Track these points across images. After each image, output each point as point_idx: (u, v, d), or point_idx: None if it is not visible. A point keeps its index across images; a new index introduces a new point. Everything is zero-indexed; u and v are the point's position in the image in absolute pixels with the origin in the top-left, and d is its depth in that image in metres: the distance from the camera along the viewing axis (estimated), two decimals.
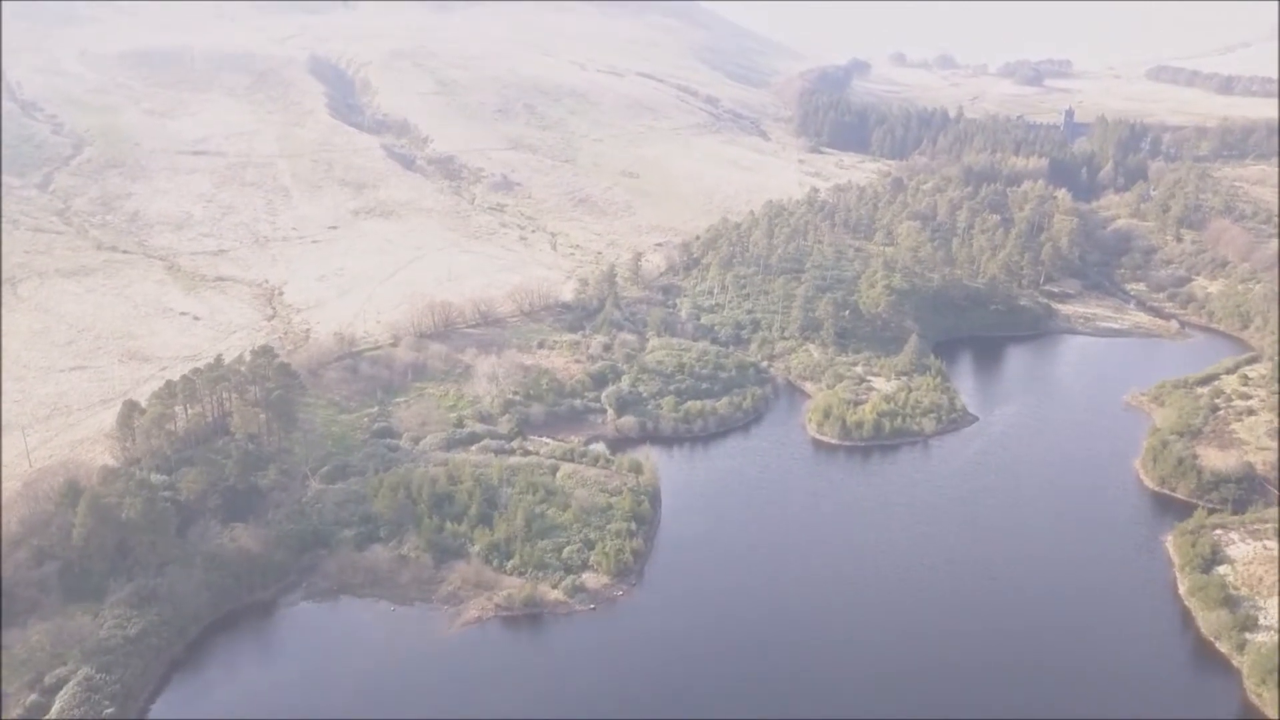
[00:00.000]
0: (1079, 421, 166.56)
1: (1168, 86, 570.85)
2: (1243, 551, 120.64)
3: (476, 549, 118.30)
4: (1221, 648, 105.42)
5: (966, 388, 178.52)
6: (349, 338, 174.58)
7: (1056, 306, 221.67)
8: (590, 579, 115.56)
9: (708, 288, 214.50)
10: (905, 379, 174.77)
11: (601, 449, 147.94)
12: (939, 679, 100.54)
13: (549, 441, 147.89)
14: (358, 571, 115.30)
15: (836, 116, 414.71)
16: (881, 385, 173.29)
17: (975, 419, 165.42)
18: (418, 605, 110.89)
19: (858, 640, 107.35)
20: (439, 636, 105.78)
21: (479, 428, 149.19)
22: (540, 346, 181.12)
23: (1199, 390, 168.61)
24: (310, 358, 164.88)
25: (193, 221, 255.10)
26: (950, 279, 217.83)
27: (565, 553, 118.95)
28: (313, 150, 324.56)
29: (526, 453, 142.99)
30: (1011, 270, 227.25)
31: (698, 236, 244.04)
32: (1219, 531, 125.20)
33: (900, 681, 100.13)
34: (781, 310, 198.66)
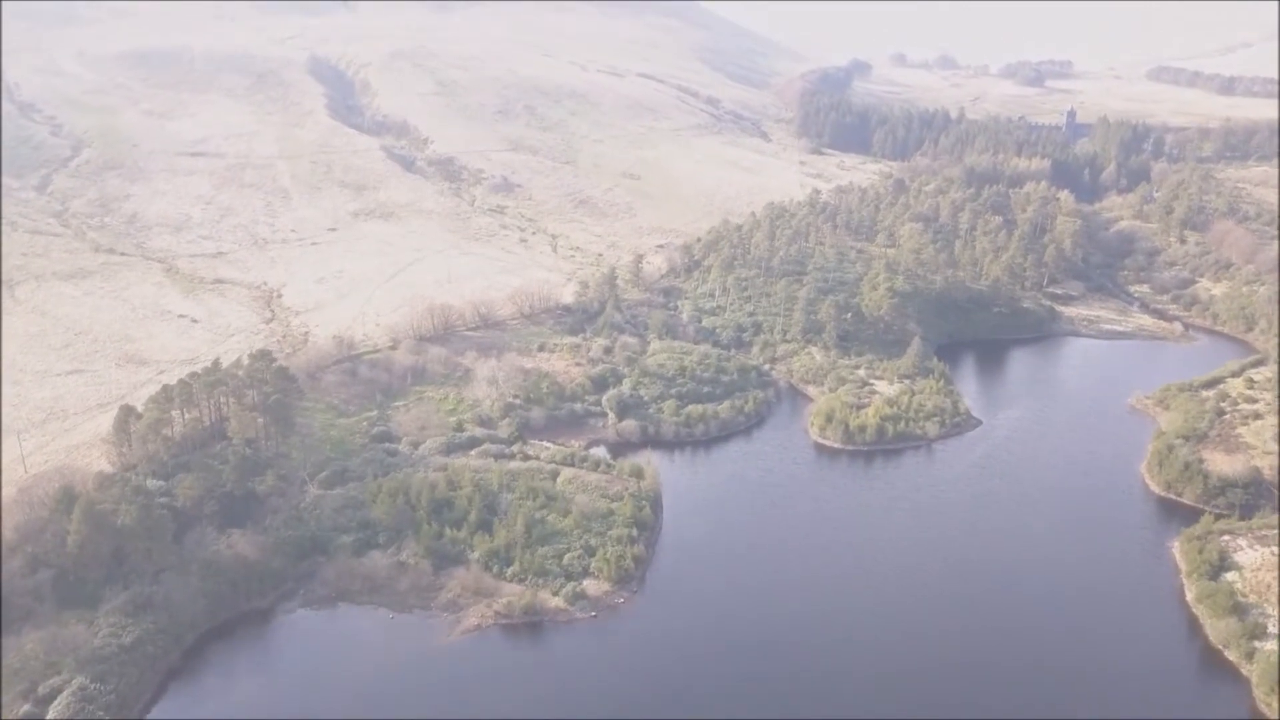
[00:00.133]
0: (1083, 425, 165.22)
1: (1169, 87, 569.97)
2: (1250, 558, 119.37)
3: (476, 555, 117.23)
4: (1230, 656, 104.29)
5: (970, 391, 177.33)
6: (348, 341, 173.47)
7: (1060, 309, 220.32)
8: (591, 586, 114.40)
9: (709, 290, 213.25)
10: (908, 382, 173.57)
11: (602, 453, 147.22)
12: (951, 695, 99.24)
13: (549, 446, 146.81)
14: (356, 578, 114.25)
15: (838, 117, 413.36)
16: (884, 388, 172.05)
17: (979, 423, 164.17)
18: (416, 613, 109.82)
19: (863, 646, 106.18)
20: (438, 645, 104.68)
21: (479, 432, 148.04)
22: (540, 349, 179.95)
23: (1204, 394, 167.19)
24: (309, 361, 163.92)
25: (191, 223, 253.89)
26: (953, 281, 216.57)
27: (566, 559, 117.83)
28: (312, 151, 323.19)
29: (526, 457, 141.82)
30: (1014, 272, 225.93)
31: (699, 238, 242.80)
32: (1226, 537, 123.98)
33: (909, 691, 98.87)
34: (783, 313, 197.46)
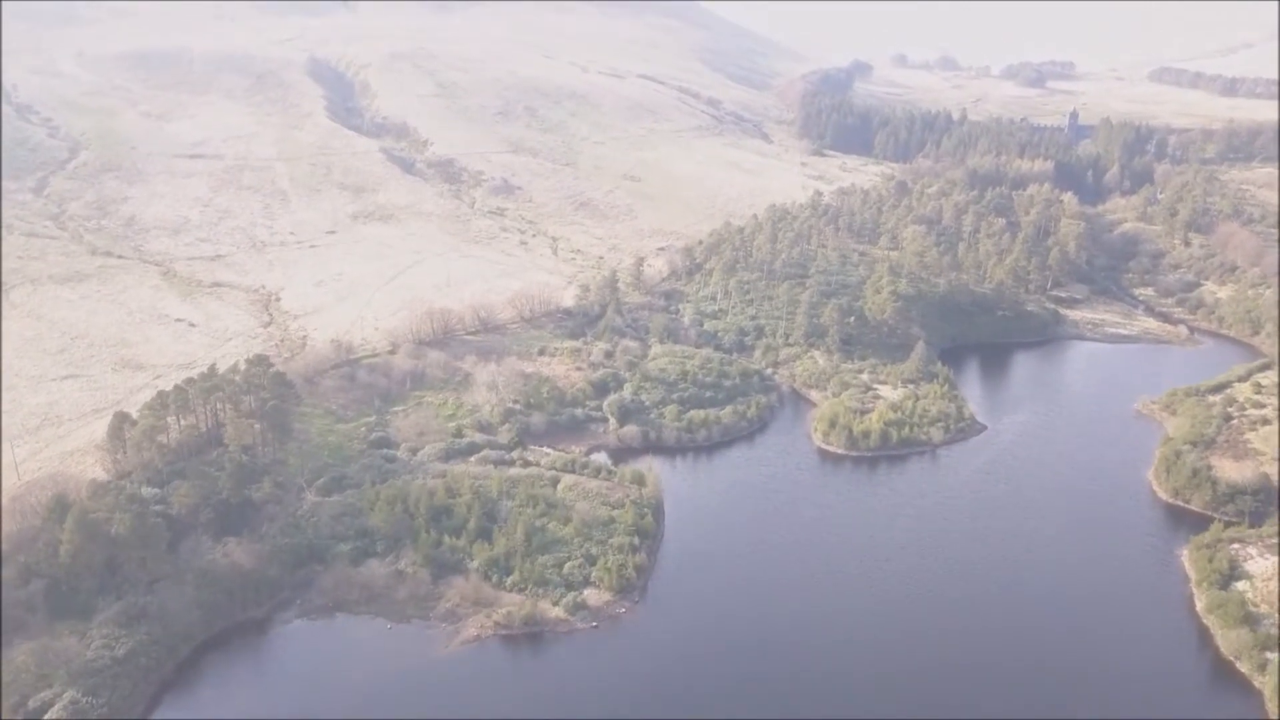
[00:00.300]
0: (1089, 431, 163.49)
1: (1171, 88, 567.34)
2: (1261, 567, 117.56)
3: (475, 564, 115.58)
4: (1242, 668, 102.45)
5: (974, 395, 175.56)
6: (346, 345, 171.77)
7: (1064, 312, 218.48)
8: (592, 595, 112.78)
9: (711, 293, 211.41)
10: (912, 387, 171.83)
11: (603, 459, 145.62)
12: (961, 701, 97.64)
13: (550, 451, 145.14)
14: (353, 588, 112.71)
15: (839, 119, 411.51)
16: (888, 393, 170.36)
17: (984, 428, 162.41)
18: (415, 623, 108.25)
19: (870, 657, 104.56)
20: (437, 655, 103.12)
21: (478, 438, 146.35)
22: (541, 354, 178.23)
23: (1211, 398, 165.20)
24: (307, 365, 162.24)
25: (189, 226, 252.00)
26: (956, 284, 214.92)
27: (566, 568, 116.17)
28: (311, 153, 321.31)
29: (527, 463, 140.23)
30: (1018, 275, 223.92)
31: (700, 241, 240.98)
32: (1236, 545, 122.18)
33: (917, 710, 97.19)
34: (786, 316, 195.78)
